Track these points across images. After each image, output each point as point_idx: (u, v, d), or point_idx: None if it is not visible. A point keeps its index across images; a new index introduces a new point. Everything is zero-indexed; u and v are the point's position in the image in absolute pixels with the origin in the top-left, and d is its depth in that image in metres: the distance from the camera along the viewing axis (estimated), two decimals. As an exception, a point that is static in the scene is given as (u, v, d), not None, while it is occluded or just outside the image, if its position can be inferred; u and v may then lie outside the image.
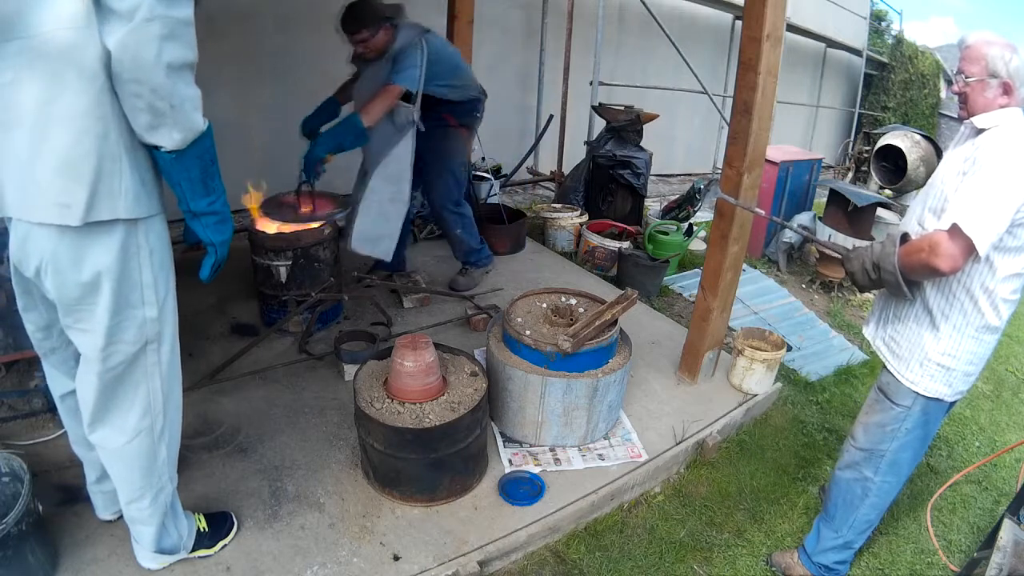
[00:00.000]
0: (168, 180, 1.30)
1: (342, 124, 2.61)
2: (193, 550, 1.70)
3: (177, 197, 1.32)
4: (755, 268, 4.35)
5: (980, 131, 1.54)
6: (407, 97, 2.75)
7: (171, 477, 1.58)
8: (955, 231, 1.42)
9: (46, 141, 1.15)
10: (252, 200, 2.70)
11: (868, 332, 1.88)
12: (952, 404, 1.74)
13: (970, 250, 1.42)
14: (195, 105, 1.22)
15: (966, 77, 1.55)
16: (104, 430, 1.44)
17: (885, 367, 1.77)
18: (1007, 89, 1.51)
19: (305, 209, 2.75)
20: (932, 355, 1.63)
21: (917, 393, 1.68)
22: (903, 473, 1.82)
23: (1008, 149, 1.43)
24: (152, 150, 1.25)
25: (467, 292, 3.29)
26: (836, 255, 1.77)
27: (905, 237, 1.60)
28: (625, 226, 4.25)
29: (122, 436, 1.44)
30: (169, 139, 1.21)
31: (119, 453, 1.46)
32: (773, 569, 2.04)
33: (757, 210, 2.19)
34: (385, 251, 2.99)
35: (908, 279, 1.56)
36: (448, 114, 3.04)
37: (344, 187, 3.26)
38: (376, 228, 2.93)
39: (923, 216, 1.63)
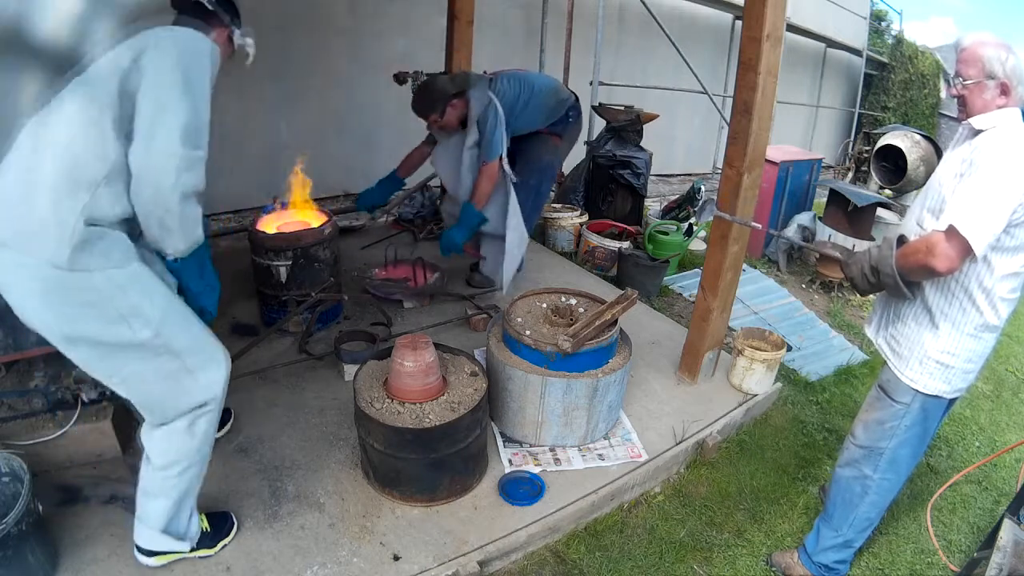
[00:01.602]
0: (169, 268, 1.53)
1: (465, 217, 2.98)
2: (196, 549, 1.70)
3: (180, 281, 1.56)
4: (755, 268, 4.35)
5: (978, 132, 1.54)
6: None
7: (204, 457, 1.61)
8: (952, 232, 1.43)
9: (32, 171, 1.29)
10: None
11: (870, 331, 1.88)
12: (952, 402, 1.75)
13: (967, 251, 1.43)
14: (197, 222, 1.42)
15: (963, 80, 1.55)
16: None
17: (886, 364, 1.77)
18: (1005, 89, 1.51)
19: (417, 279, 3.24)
20: (931, 353, 1.64)
21: (916, 390, 1.69)
22: (902, 471, 1.82)
23: (1005, 150, 1.44)
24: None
25: (467, 293, 3.30)
26: (835, 258, 1.77)
27: (902, 239, 1.61)
28: (625, 226, 4.25)
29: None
30: (173, 249, 1.43)
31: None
32: (773, 569, 2.04)
33: (754, 224, 2.19)
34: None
35: (907, 280, 1.57)
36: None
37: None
38: (514, 267, 3.20)
39: (922, 217, 1.64)
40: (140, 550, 1.65)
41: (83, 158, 1.30)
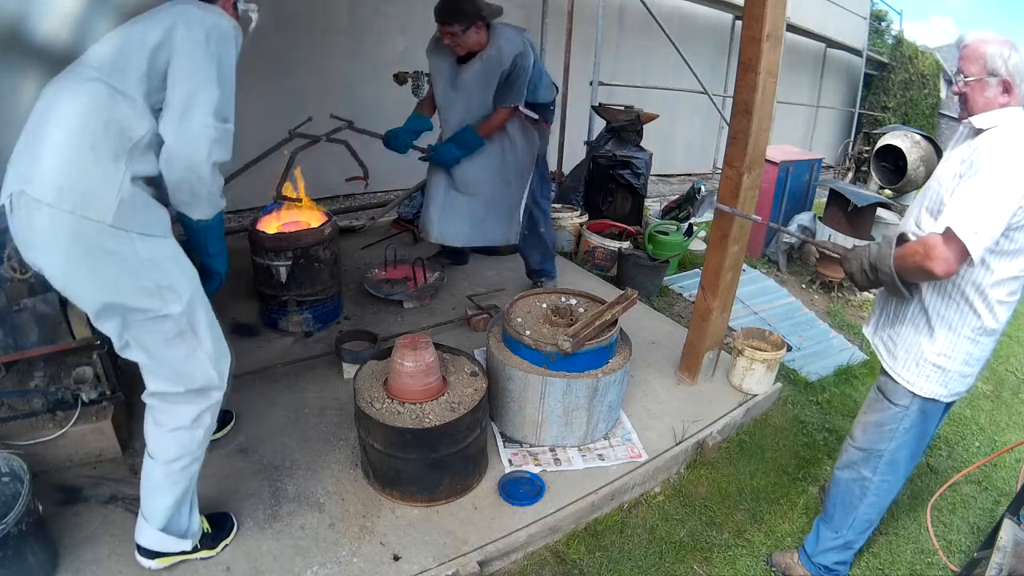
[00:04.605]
0: (191, 236, 1.58)
1: (465, 138, 2.81)
2: (198, 550, 1.70)
3: (196, 244, 1.60)
4: (755, 268, 4.35)
5: (979, 132, 1.53)
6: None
7: (202, 453, 1.63)
8: (949, 235, 1.42)
9: (73, 135, 1.33)
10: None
11: (868, 332, 1.88)
12: (950, 404, 1.74)
13: (964, 254, 1.42)
14: (221, 190, 1.52)
15: (965, 77, 1.54)
16: (155, 383, 1.55)
17: (883, 367, 1.77)
18: (1007, 87, 1.50)
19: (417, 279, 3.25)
20: (928, 355, 1.63)
21: (913, 393, 1.68)
22: (901, 473, 1.82)
23: (1005, 152, 1.42)
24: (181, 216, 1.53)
25: (467, 293, 3.30)
26: (835, 255, 1.78)
27: (902, 238, 1.60)
28: (625, 226, 4.24)
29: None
30: (201, 214, 1.51)
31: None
32: (773, 569, 2.03)
33: (754, 216, 2.19)
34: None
35: (904, 280, 1.56)
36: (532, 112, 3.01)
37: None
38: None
39: (920, 217, 1.63)
40: (142, 552, 1.65)
41: (123, 123, 1.35)
